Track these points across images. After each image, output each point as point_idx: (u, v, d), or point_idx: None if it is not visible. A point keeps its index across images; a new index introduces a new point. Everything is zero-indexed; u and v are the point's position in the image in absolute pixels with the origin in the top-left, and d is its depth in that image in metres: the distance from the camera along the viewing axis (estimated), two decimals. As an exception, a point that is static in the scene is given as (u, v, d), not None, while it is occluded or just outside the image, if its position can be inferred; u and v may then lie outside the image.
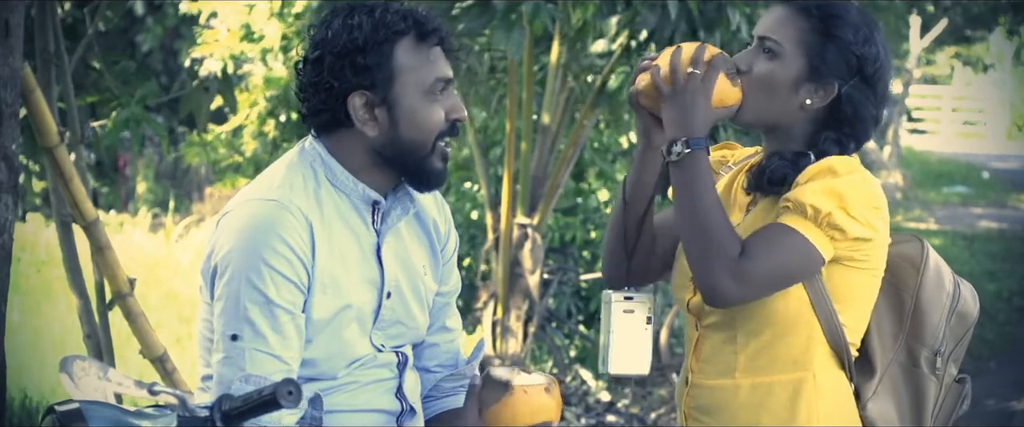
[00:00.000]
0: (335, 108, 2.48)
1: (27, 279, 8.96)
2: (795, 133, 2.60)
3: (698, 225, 2.48)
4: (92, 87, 5.63)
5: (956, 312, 2.64)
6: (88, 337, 4.57)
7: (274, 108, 8.65)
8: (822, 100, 2.55)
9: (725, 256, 2.44)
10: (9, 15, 3.34)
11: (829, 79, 2.54)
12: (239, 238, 2.42)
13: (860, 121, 2.57)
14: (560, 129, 7.19)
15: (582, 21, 6.71)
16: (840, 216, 2.45)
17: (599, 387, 7.78)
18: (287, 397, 1.94)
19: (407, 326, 2.62)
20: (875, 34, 2.57)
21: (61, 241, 4.51)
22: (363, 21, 2.46)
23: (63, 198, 4.27)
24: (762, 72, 2.55)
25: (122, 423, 2.03)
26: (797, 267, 2.48)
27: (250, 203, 2.47)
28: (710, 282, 2.46)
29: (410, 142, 2.49)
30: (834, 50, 2.53)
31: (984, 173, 22.01)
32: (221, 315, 2.42)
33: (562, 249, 8.23)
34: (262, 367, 2.39)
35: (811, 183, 2.48)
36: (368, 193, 2.53)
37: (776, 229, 2.47)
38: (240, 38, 8.55)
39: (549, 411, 2.57)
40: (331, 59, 2.45)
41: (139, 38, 12.79)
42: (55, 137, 4.01)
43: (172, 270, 9.89)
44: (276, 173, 2.53)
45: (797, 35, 2.54)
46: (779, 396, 2.55)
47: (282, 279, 2.40)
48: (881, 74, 2.57)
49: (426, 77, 2.48)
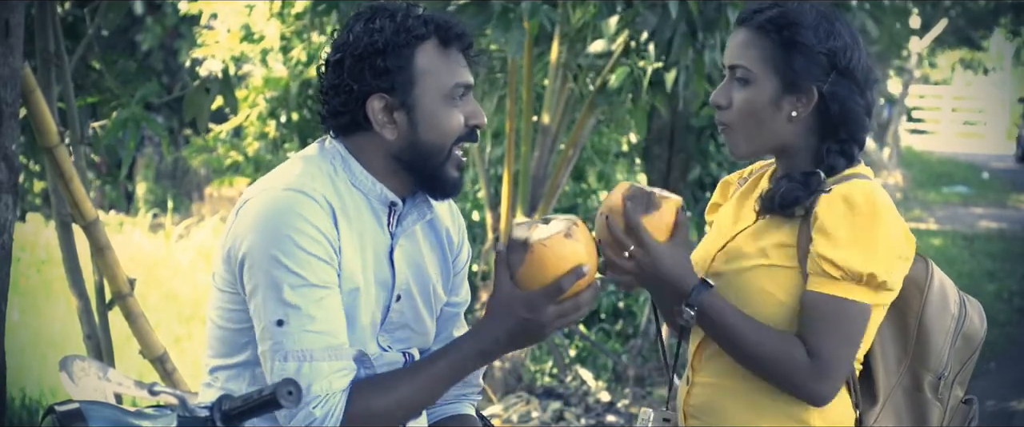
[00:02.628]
0: (354, 111, 2.48)
1: (27, 279, 8.96)
2: (798, 151, 2.56)
3: (753, 356, 2.47)
4: (92, 87, 5.63)
5: (962, 334, 2.60)
6: (88, 337, 4.57)
7: (274, 108, 8.65)
8: (806, 107, 2.51)
9: (797, 368, 2.43)
10: (9, 15, 3.34)
11: (805, 85, 2.50)
12: (264, 225, 2.41)
13: (851, 116, 2.52)
14: (560, 129, 7.20)
15: (582, 21, 6.71)
16: (880, 273, 2.42)
17: (599, 387, 7.78)
18: (287, 397, 1.94)
19: (414, 331, 2.62)
20: (837, 25, 2.52)
21: (61, 241, 4.51)
22: (385, 25, 2.46)
23: (63, 198, 4.27)
24: (741, 102, 2.53)
25: (122, 423, 2.03)
26: (860, 330, 2.46)
27: (271, 192, 2.46)
28: (803, 395, 2.46)
29: (428, 146, 2.49)
30: (800, 57, 2.49)
31: (984, 173, 22.02)
32: (263, 304, 2.41)
33: (562, 249, 8.22)
34: (311, 344, 2.38)
35: (838, 232, 2.42)
36: (387, 194, 2.53)
37: (826, 306, 2.43)
38: (240, 39, 8.56)
39: (577, 256, 2.43)
40: (351, 62, 2.46)
41: (139, 38, 12.80)
42: (55, 137, 4.01)
43: (172, 270, 9.89)
44: (295, 166, 2.53)
45: (761, 54, 2.51)
46: (778, 400, 2.53)
47: (315, 259, 2.40)
48: (855, 61, 2.52)
49: (446, 82, 2.48)
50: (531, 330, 2.43)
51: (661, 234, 2.48)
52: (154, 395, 2.12)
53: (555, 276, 2.42)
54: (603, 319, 8.29)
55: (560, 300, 2.42)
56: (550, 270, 2.43)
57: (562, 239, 2.44)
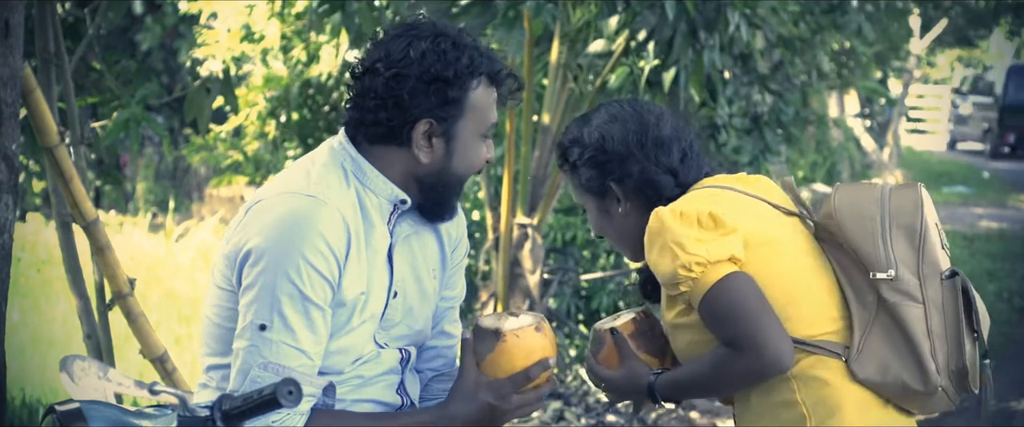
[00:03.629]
0: (397, 127, 2.50)
1: (27, 279, 8.96)
2: None
3: (711, 385, 2.67)
4: (92, 87, 5.63)
5: (894, 225, 2.63)
6: (88, 337, 4.57)
7: (274, 108, 8.65)
8: (625, 200, 2.74)
9: (730, 364, 2.58)
10: (9, 15, 3.34)
11: (604, 187, 2.75)
12: (277, 230, 2.42)
13: (654, 186, 2.72)
14: (560, 129, 7.20)
15: (582, 21, 6.71)
16: (701, 253, 2.56)
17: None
18: (287, 397, 1.94)
19: (411, 327, 2.64)
20: (604, 122, 2.74)
21: (61, 241, 4.51)
22: (451, 53, 2.48)
23: (63, 198, 4.27)
24: (592, 227, 2.85)
25: (122, 423, 2.03)
26: (739, 299, 2.56)
27: (287, 196, 2.46)
28: (760, 373, 2.58)
29: (454, 176, 2.55)
30: (581, 171, 2.76)
31: (984, 173, 22.01)
32: (252, 303, 2.42)
33: (562, 249, 8.24)
34: (287, 359, 2.41)
35: (650, 258, 2.63)
36: (397, 193, 2.54)
37: (704, 309, 2.59)
38: (240, 39, 8.55)
39: (544, 349, 2.60)
40: (415, 82, 2.47)
41: (139, 38, 12.79)
42: (55, 137, 4.01)
43: (172, 270, 9.89)
44: (310, 169, 2.53)
45: (572, 185, 2.82)
46: (777, 390, 2.62)
47: (318, 276, 2.41)
48: (625, 139, 2.72)
49: (486, 120, 2.55)
50: (494, 416, 2.54)
51: (612, 361, 2.79)
52: (154, 395, 2.13)
53: (524, 366, 2.56)
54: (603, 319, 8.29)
55: (523, 390, 2.55)
56: (519, 360, 2.57)
57: (533, 332, 2.60)
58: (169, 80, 13.35)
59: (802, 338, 2.60)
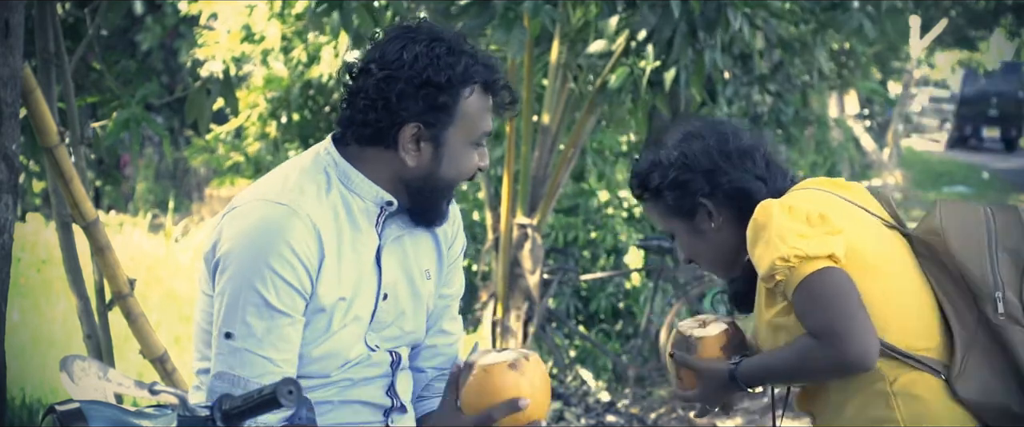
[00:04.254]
0: (384, 129, 2.48)
1: (27, 279, 8.95)
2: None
3: (795, 373, 2.65)
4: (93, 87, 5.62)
5: (1001, 248, 2.63)
6: (88, 337, 4.56)
7: (275, 109, 8.65)
8: (717, 216, 2.74)
9: (816, 353, 2.56)
10: (9, 15, 3.34)
11: (695, 204, 2.74)
12: (246, 238, 2.42)
13: (747, 194, 2.71)
14: (560, 129, 7.19)
15: (582, 21, 6.71)
16: (801, 246, 2.55)
17: (599, 387, 7.78)
18: (287, 396, 1.94)
19: (402, 329, 2.63)
20: (681, 140, 2.76)
21: (61, 241, 4.51)
22: (445, 58, 2.46)
23: (63, 198, 4.27)
24: (683, 251, 2.84)
25: (122, 423, 2.03)
26: (834, 293, 2.55)
27: (260, 203, 2.46)
28: (844, 367, 2.57)
29: (442, 182, 2.53)
30: (668, 197, 2.76)
31: (984, 173, 22.01)
32: (220, 310, 2.43)
33: (563, 249, 8.23)
34: (251, 368, 2.40)
35: (754, 248, 2.62)
36: (383, 195, 2.53)
37: (797, 297, 2.58)
38: (241, 40, 8.56)
39: (517, 388, 2.47)
40: (404, 86, 2.45)
41: (139, 38, 12.79)
42: (55, 137, 4.01)
43: (172, 270, 9.88)
44: (288, 176, 2.53)
45: (657, 212, 2.82)
46: (872, 409, 2.61)
47: (284, 284, 2.41)
48: (709, 153, 2.73)
49: (478, 128, 2.52)
50: None
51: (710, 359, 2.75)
52: (155, 395, 2.12)
53: (488, 405, 2.48)
54: (603, 319, 8.29)
55: None
56: (486, 397, 2.48)
57: (505, 368, 2.49)
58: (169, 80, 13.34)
59: (904, 350, 2.59)
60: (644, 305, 8.15)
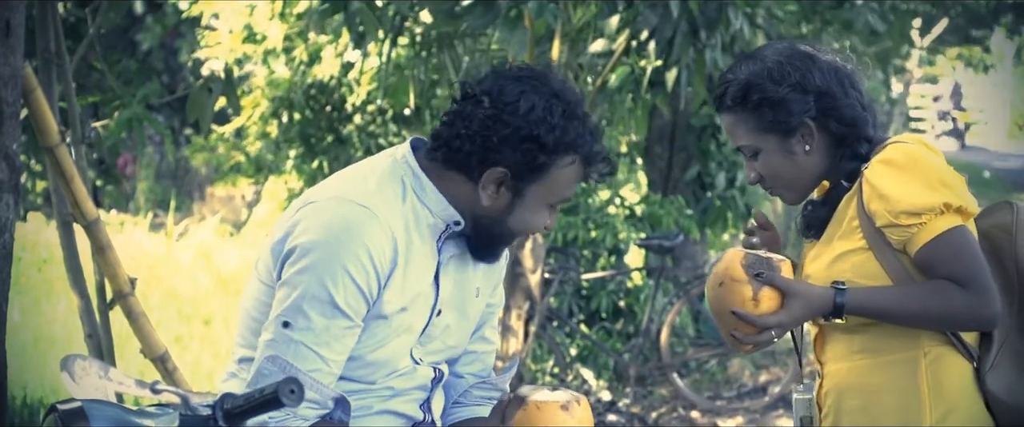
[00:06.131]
0: (474, 162, 2.47)
1: (28, 278, 8.96)
2: (832, 169, 2.68)
3: (919, 316, 2.57)
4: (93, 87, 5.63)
5: None
6: (89, 336, 4.56)
7: (276, 109, 8.65)
8: (812, 138, 2.65)
9: (962, 304, 2.54)
10: (10, 14, 3.34)
11: (797, 124, 2.64)
12: (326, 233, 2.41)
13: (849, 119, 2.65)
14: (561, 129, 7.18)
15: (583, 20, 6.71)
16: (952, 198, 2.55)
17: (600, 386, 7.78)
18: (289, 395, 1.94)
19: (446, 344, 2.63)
20: (788, 58, 2.65)
21: (62, 240, 4.51)
22: (559, 121, 2.44)
23: (64, 197, 4.27)
24: (763, 169, 2.70)
25: (124, 422, 2.03)
26: (977, 250, 2.56)
27: (342, 202, 2.44)
28: (978, 324, 2.58)
29: (508, 231, 2.53)
30: (775, 110, 2.64)
31: (985, 173, 22.00)
32: (283, 299, 2.41)
33: (563, 248, 8.24)
34: (303, 362, 2.39)
35: (893, 188, 2.55)
36: (452, 213, 2.51)
37: (941, 245, 2.54)
38: (243, 40, 8.56)
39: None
40: (509, 132, 2.43)
41: (139, 37, 12.80)
42: (56, 136, 4.01)
43: (173, 269, 9.89)
44: (368, 178, 2.51)
45: (747, 128, 2.67)
46: (895, 372, 2.61)
47: (354, 287, 2.40)
48: (821, 79, 2.64)
49: (560, 193, 2.51)
50: None
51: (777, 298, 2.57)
52: (156, 394, 2.12)
53: None
54: (604, 318, 8.29)
55: None
56: None
57: (557, 409, 2.53)
58: (169, 80, 13.35)
59: None
60: (645, 304, 8.15)
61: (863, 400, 2.65)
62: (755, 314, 2.54)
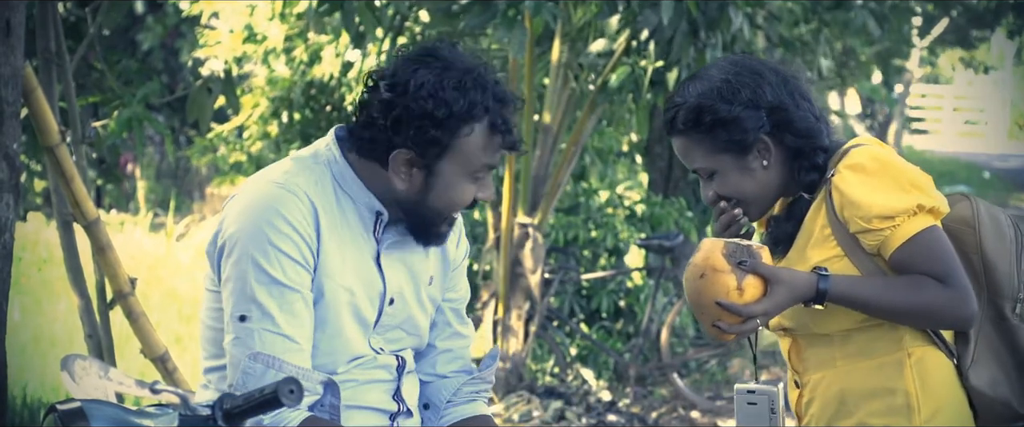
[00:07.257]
0: (379, 148, 2.47)
1: (28, 278, 8.96)
2: (791, 183, 2.67)
3: (900, 311, 2.57)
4: (94, 86, 5.62)
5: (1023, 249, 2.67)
6: (89, 336, 4.57)
7: (277, 108, 8.65)
8: (768, 153, 2.63)
9: (942, 301, 2.54)
10: (10, 14, 3.34)
11: (754, 141, 2.62)
12: (244, 219, 2.44)
13: (804, 131, 2.63)
14: (561, 128, 7.19)
15: (583, 20, 6.71)
16: (925, 200, 2.54)
17: (600, 386, 7.78)
18: (288, 395, 1.94)
19: (407, 332, 2.63)
20: (737, 76, 2.62)
21: (62, 240, 4.51)
22: (450, 95, 2.42)
23: (64, 197, 4.27)
24: (721, 191, 2.66)
25: (124, 422, 2.03)
26: (951, 249, 2.56)
27: (257, 185, 2.49)
28: (956, 323, 2.58)
29: (432, 210, 2.51)
30: (728, 130, 2.61)
31: (985, 173, 22.00)
32: (230, 296, 2.44)
33: (564, 248, 8.24)
34: (271, 347, 2.40)
35: (862, 193, 2.54)
36: (374, 203, 2.53)
37: (916, 246, 2.54)
38: (243, 40, 8.55)
39: None
40: (401, 112, 2.43)
41: (140, 37, 12.79)
42: (56, 136, 4.01)
43: (173, 269, 9.89)
44: (287, 163, 2.55)
45: (702, 150, 2.64)
46: (883, 376, 2.61)
47: (288, 259, 2.42)
48: (772, 93, 2.62)
49: (474, 163, 2.48)
50: None
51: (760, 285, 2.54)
52: (156, 394, 2.12)
53: None
54: (604, 318, 8.29)
55: None
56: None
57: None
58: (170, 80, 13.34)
59: None
60: (645, 304, 8.15)
61: (852, 405, 2.65)
62: (740, 303, 2.51)
